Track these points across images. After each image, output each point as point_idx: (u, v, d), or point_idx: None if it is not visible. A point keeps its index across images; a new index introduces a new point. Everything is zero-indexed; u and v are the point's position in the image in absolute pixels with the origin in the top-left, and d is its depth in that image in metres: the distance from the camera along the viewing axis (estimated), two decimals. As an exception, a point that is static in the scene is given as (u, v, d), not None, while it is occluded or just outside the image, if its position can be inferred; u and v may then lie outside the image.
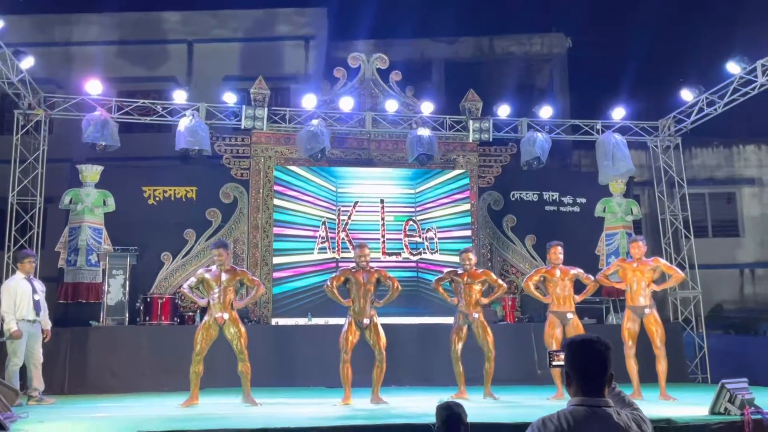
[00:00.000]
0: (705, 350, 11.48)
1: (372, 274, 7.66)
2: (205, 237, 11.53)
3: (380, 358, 7.50)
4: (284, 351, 9.99)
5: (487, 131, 11.67)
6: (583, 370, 2.53)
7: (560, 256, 8.23)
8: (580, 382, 2.53)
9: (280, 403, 7.53)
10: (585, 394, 2.51)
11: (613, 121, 11.99)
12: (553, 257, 8.22)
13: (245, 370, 7.27)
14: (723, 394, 5.79)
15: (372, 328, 7.53)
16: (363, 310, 7.56)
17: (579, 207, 12.73)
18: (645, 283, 8.07)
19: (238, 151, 11.77)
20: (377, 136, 12.16)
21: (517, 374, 9.91)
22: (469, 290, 8.06)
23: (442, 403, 3.79)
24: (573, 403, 2.52)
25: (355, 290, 7.63)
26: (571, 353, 2.56)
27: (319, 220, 11.65)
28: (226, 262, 7.41)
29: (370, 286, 7.61)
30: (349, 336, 7.51)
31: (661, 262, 8.25)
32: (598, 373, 2.53)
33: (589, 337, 2.59)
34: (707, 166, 16.32)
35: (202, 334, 7.27)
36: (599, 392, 2.52)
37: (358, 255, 7.71)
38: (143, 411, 7.14)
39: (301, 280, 11.36)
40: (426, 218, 12.00)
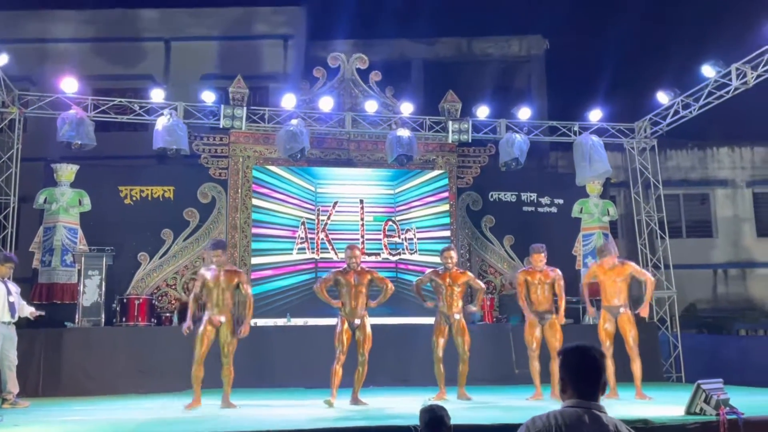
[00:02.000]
0: (679, 349, 11.62)
1: (364, 275, 7.66)
2: (182, 237, 11.43)
3: (362, 361, 7.49)
4: (263, 352, 9.93)
5: (466, 132, 11.70)
6: (579, 376, 2.58)
7: (542, 262, 8.27)
8: (576, 388, 2.57)
9: (260, 405, 7.48)
10: (579, 398, 2.55)
11: (590, 122, 12.09)
12: (536, 263, 8.25)
13: (229, 374, 7.18)
14: (699, 394, 5.85)
15: (362, 329, 7.52)
16: (354, 311, 7.54)
17: (556, 208, 12.82)
18: (619, 283, 8.16)
19: (216, 150, 11.68)
20: (357, 136, 12.13)
21: (495, 374, 9.96)
22: (451, 291, 8.09)
23: (425, 405, 3.78)
24: (566, 405, 2.56)
25: (345, 291, 7.61)
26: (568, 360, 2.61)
27: (298, 221, 11.61)
28: (226, 263, 7.32)
29: (361, 287, 7.60)
30: (343, 335, 7.49)
31: (632, 267, 8.32)
32: (593, 379, 2.59)
33: (584, 344, 2.64)
34: (682, 168, 16.54)
35: (202, 339, 7.14)
36: (593, 397, 2.57)
37: (348, 257, 7.68)
38: (119, 414, 7.05)
39: (280, 280, 11.30)
40: (405, 218, 12.01)
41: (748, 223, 16.40)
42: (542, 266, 8.27)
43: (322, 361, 7.76)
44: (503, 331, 10.48)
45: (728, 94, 10.42)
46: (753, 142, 16.67)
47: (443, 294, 8.13)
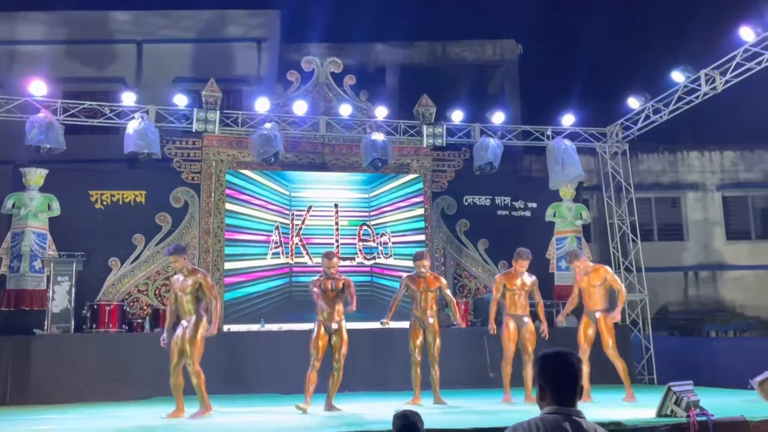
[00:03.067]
0: (651, 352, 11.77)
1: (338, 282, 7.63)
2: (154, 242, 11.31)
3: (338, 366, 7.46)
4: (236, 358, 9.87)
5: (441, 136, 11.77)
6: (558, 382, 2.61)
7: (524, 269, 8.33)
8: (554, 394, 2.59)
9: (234, 412, 7.41)
10: (558, 404, 2.57)
11: (563, 127, 12.21)
12: (520, 268, 8.30)
13: (196, 378, 7.01)
14: (669, 396, 5.93)
15: (338, 334, 7.49)
16: (332, 315, 7.53)
17: (530, 211, 12.92)
18: (597, 288, 8.25)
19: (188, 154, 11.58)
20: (331, 140, 12.11)
21: (469, 378, 10.00)
22: (425, 296, 8.14)
23: (398, 411, 3.78)
24: (545, 412, 2.58)
25: (324, 296, 7.60)
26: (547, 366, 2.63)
27: (272, 225, 11.55)
28: (185, 267, 7.18)
29: (338, 293, 7.59)
30: (319, 341, 7.45)
31: (609, 274, 8.39)
32: (571, 384, 2.61)
33: (562, 350, 2.66)
34: (653, 172, 16.76)
35: (173, 348, 7.01)
36: (571, 403, 2.59)
37: (327, 266, 7.64)
38: (90, 423, 6.94)
39: (254, 285, 11.23)
40: (380, 223, 12.01)
41: (718, 226, 16.67)
42: (523, 272, 8.34)
43: (297, 367, 7.71)
44: (478, 335, 10.50)
45: (698, 99, 10.61)
46: (722, 145, 16.96)
47: (418, 299, 8.17)
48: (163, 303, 11.05)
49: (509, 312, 8.28)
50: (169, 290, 11.04)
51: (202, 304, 7.05)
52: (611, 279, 8.33)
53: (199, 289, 7.01)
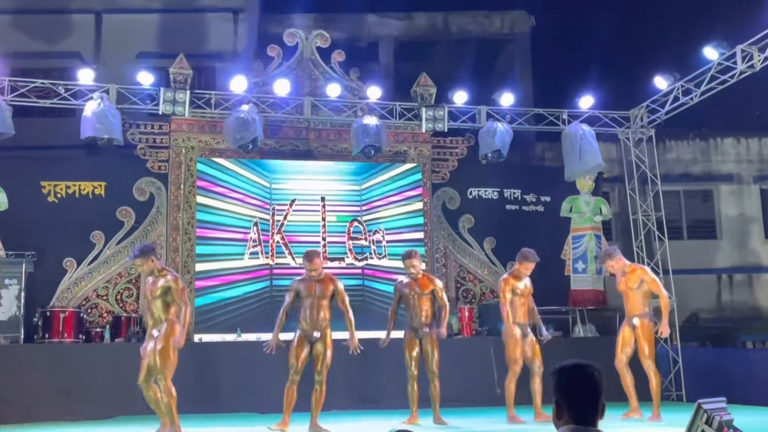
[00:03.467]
0: (680, 364, 11.81)
1: (327, 285, 7.62)
2: (115, 240, 11.28)
3: (319, 380, 7.47)
4: (209, 373, 9.85)
5: (442, 120, 11.74)
6: (576, 398, 2.60)
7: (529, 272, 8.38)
8: (572, 411, 2.59)
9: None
10: (576, 423, 2.57)
11: (581, 110, 12.21)
12: (526, 272, 8.35)
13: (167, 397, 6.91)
14: (699, 415, 5.93)
15: (321, 344, 7.48)
16: (315, 323, 7.54)
17: (543, 206, 12.94)
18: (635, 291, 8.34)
19: (155, 140, 11.55)
20: (317, 124, 12.09)
21: (474, 395, 10.02)
22: (419, 302, 8.14)
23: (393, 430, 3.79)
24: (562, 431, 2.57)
25: (306, 301, 7.62)
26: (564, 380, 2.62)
27: (250, 221, 11.54)
28: (154, 269, 7.16)
29: (323, 299, 7.60)
30: (298, 352, 7.47)
31: (647, 276, 8.46)
32: (591, 401, 2.61)
33: (581, 362, 2.65)
34: (682, 161, 16.80)
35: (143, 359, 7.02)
36: (591, 422, 2.59)
37: (308, 269, 7.65)
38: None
39: (229, 289, 11.22)
40: (373, 218, 12.01)
41: (756, 224, 16.72)
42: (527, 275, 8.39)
43: (278, 383, 7.72)
44: (483, 345, 10.53)
45: (733, 79, 10.60)
46: (761, 132, 17.00)
47: (410, 305, 8.19)
48: (126, 309, 11.05)
49: (515, 320, 8.33)
50: (132, 294, 11.16)
51: (173, 311, 7.01)
52: (650, 282, 8.39)
53: (168, 293, 6.99)
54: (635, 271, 8.48)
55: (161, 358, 6.84)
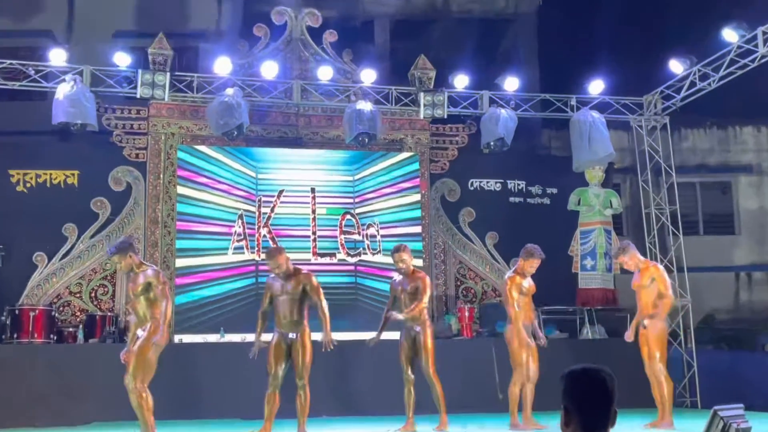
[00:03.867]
0: (694, 369, 11.84)
1: (297, 281, 7.63)
2: (89, 233, 11.28)
3: (301, 385, 7.49)
4: (189, 376, 9.85)
5: (441, 106, 11.73)
6: (586, 404, 2.61)
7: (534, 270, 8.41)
8: (581, 419, 2.60)
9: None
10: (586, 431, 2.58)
11: (591, 96, 12.21)
12: (531, 270, 8.37)
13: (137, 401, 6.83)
14: (715, 422, 5.97)
15: (299, 345, 7.51)
16: (289, 323, 7.57)
17: (549, 198, 12.97)
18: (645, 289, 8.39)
19: (132, 126, 11.55)
20: (307, 110, 12.09)
21: (475, 400, 10.03)
22: (405, 298, 8.17)
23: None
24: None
25: (278, 300, 7.66)
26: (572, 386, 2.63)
27: (234, 213, 11.54)
28: (134, 266, 7.11)
29: (295, 297, 7.60)
30: (275, 355, 7.54)
31: (658, 273, 8.49)
32: (601, 408, 2.62)
33: (591, 367, 2.66)
34: (699, 151, 16.82)
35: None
36: (602, 430, 2.60)
37: (271, 267, 7.74)
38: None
39: (212, 287, 11.23)
40: (367, 211, 12.02)
41: (777, 218, 16.77)
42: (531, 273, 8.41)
43: (263, 387, 7.72)
44: (485, 348, 10.54)
45: (753, 63, 10.61)
46: (783, 120, 17.04)
47: (402, 303, 8.23)
48: (101, 308, 11.05)
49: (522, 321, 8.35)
50: (107, 292, 11.16)
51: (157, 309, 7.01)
52: (659, 279, 8.43)
53: (150, 290, 6.99)
54: (648, 269, 8.54)
55: (138, 359, 6.83)
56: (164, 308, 6.95)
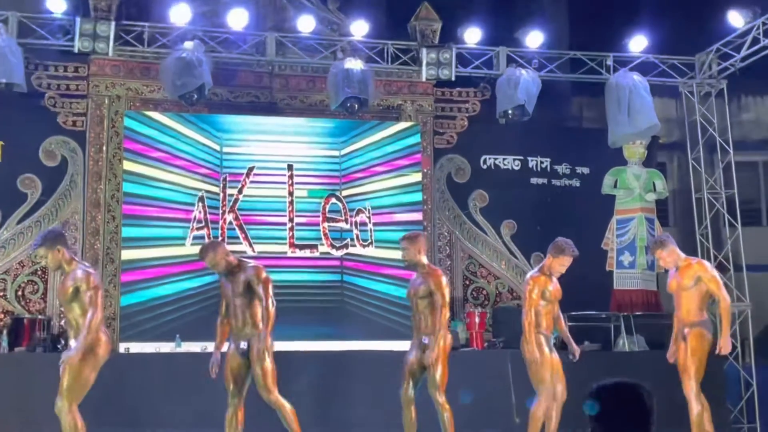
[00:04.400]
0: (754, 388, 11.90)
1: (237, 279, 7.68)
2: (16, 218, 11.26)
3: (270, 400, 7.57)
4: (138, 392, 9.84)
5: (449, 65, 11.73)
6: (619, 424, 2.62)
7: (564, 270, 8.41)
8: None
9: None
10: None
11: (631, 54, 12.24)
12: (558, 268, 8.36)
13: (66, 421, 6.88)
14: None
15: (253, 357, 7.57)
16: (239, 330, 7.69)
17: (579, 180, 12.98)
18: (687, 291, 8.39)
19: (68, 87, 11.54)
20: (284, 69, 12.09)
21: (486, 421, 10.06)
22: (414, 304, 8.18)
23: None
24: None
25: (228, 304, 7.80)
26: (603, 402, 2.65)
27: (194, 195, 11.54)
28: (63, 263, 7.09)
29: (240, 298, 7.68)
30: (230, 369, 7.67)
31: (706, 273, 8.48)
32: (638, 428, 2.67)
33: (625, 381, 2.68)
34: (763, 124, 16.80)
35: None
36: None
37: (209, 266, 7.88)
38: None
39: (167, 284, 11.24)
40: (356, 194, 12.03)
41: None
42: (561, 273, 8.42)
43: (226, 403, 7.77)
44: (499, 360, 10.58)
45: (830, 16, 10.63)
46: None
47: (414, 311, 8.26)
48: (29, 310, 11.04)
49: (542, 330, 8.37)
50: (38, 290, 11.16)
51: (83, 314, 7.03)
52: (709, 280, 8.41)
53: (79, 294, 7.00)
54: (691, 266, 8.49)
55: (68, 376, 6.87)
56: (89, 318, 6.93)
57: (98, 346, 6.95)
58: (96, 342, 6.95)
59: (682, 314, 8.45)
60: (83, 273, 7.06)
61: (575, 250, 8.37)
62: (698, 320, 8.37)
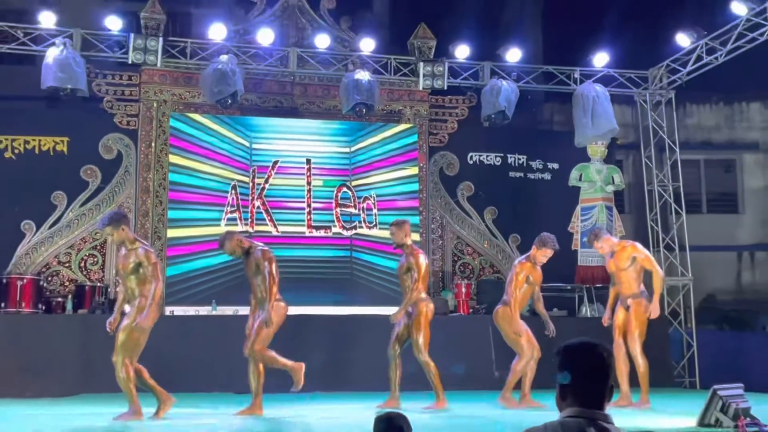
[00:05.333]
0: (694, 349, 11.93)
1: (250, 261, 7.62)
2: (79, 202, 11.26)
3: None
4: (181, 348, 9.87)
5: (441, 77, 11.71)
6: (582, 379, 2.61)
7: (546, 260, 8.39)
8: (578, 394, 2.61)
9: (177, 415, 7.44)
10: (582, 405, 2.59)
11: (595, 68, 12.20)
12: (542, 259, 8.34)
13: (121, 376, 6.90)
14: (714, 402, 6.03)
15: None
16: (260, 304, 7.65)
17: (550, 174, 12.96)
18: (625, 271, 8.40)
19: (123, 92, 11.50)
20: (303, 78, 12.05)
21: (470, 378, 10.09)
22: (401, 277, 8.18)
23: (380, 414, 3.81)
24: (566, 414, 2.60)
25: None
26: (569, 358, 2.64)
27: (227, 184, 11.52)
28: (126, 239, 7.10)
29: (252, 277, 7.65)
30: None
31: (639, 252, 8.50)
32: (599, 383, 2.63)
33: (588, 341, 2.67)
34: (704, 127, 16.77)
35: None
36: (598, 405, 2.61)
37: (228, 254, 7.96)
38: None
39: (204, 258, 11.23)
40: (363, 184, 12.01)
41: (782, 197, 16.77)
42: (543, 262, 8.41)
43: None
44: (481, 324, 10.59)
45: (763, 37, 10.57)
46: (791, 97, 16.98)
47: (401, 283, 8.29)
48: (90, 278, 11.06)
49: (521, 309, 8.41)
50: (97, 262, 11.18)
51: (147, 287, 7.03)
52: (643, 259, 8.44)
53: (140, 269, 7.00)
54: (625, 249, 8.52)
55: (123, 336, 6.88)
56: (153, 289, 6.97)
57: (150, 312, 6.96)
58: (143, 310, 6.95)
59: (623, 289, 8.48)
60: (144, 251, 7.05)
61: (556, 245, 8.38)
62: (638, 292, 8.42)
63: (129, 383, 6.89)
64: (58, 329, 9.82)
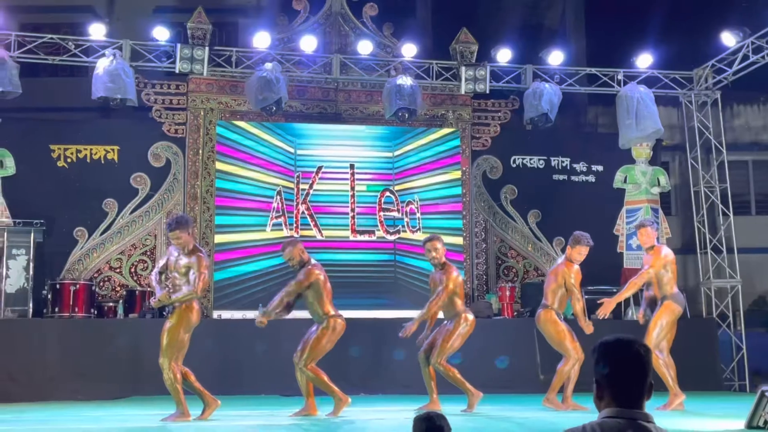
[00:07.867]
0: (743, 352, 11.72)
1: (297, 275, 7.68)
2: (129, 208, 11.45)
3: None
4: (228, 351, 10.00)
5: (484, 81, 11.67)
6: (620, 377, 2.56)
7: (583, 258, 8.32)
8: (615, 392, 2.55)
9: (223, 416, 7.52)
10: (620, 405, 2.54)
11: (638, 70, 12.08)
12: (577, 257, 8.27)
13: (168, 378, 6.94)
14: (763, 403, 5.92)
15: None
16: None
17: (594, 176, 12.85)
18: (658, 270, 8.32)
19: (171, 101, 11.66)
20: (347, 85, 12.11)
21: (514, 380, 10.03)
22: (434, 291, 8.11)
23: (420, 414, 3.81)
24: (604, 415, 2.54)
25: None
26: (605, 358, 2.59)
27: (273, 189, 11.62)
28: (188, 244, 7.15)
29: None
30: None
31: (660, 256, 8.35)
32: (636, 380, 2.56)
33: (625, 337, 2.61)
34: (752, 128, 16.48)
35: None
36: (637, 404, 2.54)
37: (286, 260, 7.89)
38: (51, 426, 7.11)
39: (251, 263, 11.34)
40: (406, 188, 12.02)
41: (833, 198, 16.40)
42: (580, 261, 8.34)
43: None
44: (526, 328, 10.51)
45: (810, 35, 10.38)
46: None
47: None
48: (140, 283, 11.23)
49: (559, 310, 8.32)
50: (147, 267, 11.33)
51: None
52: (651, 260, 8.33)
53: (191, 272, 7.07)
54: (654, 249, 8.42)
55: (169, 336, 6.94)
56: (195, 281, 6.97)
57: (191, 313, 7.00)
58: (190, 309, 7.01)
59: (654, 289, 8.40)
60: (197, 258, 7.07)
61: (590, 241, 8.27)
62: (664, 295, 8.29)
63: (176, 384, 6.96)
64: (110, 333, 9.99)
